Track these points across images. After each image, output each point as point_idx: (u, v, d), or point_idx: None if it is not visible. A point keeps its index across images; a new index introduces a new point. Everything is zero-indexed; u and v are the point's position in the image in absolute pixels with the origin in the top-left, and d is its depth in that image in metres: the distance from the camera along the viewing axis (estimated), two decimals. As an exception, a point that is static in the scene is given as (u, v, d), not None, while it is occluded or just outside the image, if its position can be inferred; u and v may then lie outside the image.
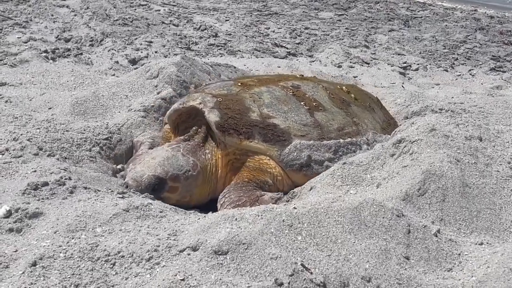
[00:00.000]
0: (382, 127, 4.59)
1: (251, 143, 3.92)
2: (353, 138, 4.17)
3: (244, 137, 3.91)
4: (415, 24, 12.31)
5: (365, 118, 4.46)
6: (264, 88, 4.24)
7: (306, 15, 12.38)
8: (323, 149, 3.98)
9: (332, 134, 4.09)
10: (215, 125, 3.92)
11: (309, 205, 3.00)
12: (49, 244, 2.74)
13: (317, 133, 4.04)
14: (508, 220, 3.24)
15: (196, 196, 3.90)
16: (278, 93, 4.20)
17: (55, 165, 3.60)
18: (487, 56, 9.69)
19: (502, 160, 3.63)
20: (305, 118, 4.07)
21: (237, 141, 3.93)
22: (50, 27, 8.45)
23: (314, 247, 2.76)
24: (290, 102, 4.15)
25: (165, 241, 2.78)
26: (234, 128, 3.92)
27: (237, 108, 4.00)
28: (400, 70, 8.30)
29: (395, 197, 3.23)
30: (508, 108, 5.16)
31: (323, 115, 4.17)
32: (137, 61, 7.18)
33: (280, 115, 4.03)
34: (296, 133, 3.97)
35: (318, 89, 4.47)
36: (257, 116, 3.98)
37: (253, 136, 3.92)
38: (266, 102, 4.09)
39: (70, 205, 3.14)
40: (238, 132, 3.92)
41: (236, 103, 4.05)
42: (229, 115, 3.95)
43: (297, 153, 3.91)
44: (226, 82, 4.35)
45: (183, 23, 10.03)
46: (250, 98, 4.09)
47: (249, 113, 3.99)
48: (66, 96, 4.99)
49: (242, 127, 3.92)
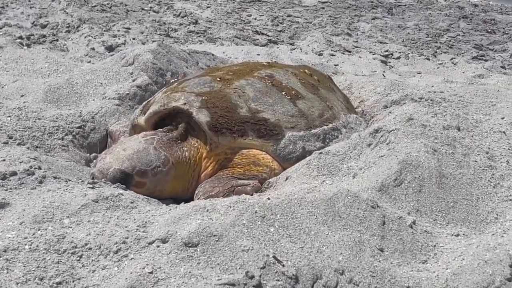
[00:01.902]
0: (346, 106, 4.60)
1: (245, 140, 3.86)
2: (332, 123, 4.16)
3: (237, 135, 3.84)
4: (399, 12, 12.32)
5: (333, 100, 4.46)
6: (244, 81, 4.16)
7: (289, 2, 12.35)
8: (313, 139, 3.96)
9: (316, 122, 4.07)
10: (206, 125, 3.82)
11: (282, 196, 2.95)
12: (14, 235, 2.66)
13: (304, 123, 4.01)
14: (485, 211, 3.23)
15: (167, 191, 3.79)
16: (258, 85, 4.13)
17: (25, 154, 3.52)
18: (469, 45, 9.71)
19: (480, 150, 3.61)
20: (290, 109, 4.03)
21: (231, 139, 3.85)
22: (26, 13, 8.36)
23: (286, 239, 2.71)
24: (272, 94, 4.10)
25: (134, 233, 2.72)
26: (226, 127, 3.84)
27: (225, 106, 3.92)
28: (382, 58, 8.30)
29: (371, 188, 3.19)
30: (488, 98, 5.13)
31: (303, 103, 4.13)
32: (114, 48, 7.12)
33: (268, 108, 3.98)
34: (287, 126, 3.93)
35: (290, 75, 4.43)
36: (246, 111, 3.91)
37: (246, 133, 3.85)
38: (251, 96, 4.02)
39: (38, 195, 3.07)
40: (231, 131, 3.84)
41: (222, 100, 3.96)
42: (218, 114, 3.86)
43: (292, 146, 3.88)
44: (203, 78, 4.23)
45: (163, 10, 9.97)
46: (235, 94, 4.01)
47: (237, 109, 3.92)
48: (39, 83, 4.90)
49: (234, 125, 3.85)
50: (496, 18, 11.97)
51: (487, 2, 14.92)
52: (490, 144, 3.72)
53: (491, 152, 3.63)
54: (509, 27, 11.22)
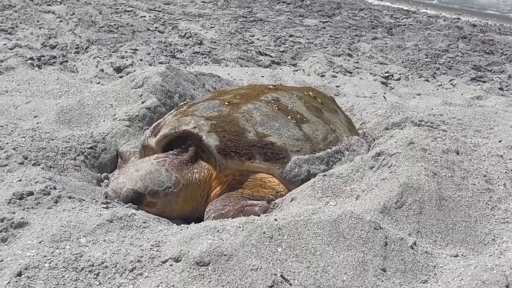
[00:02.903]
0: (348, 128, 4.70)
1: (252, 163, 3.96)
2: (336, 146, 4.25)
3: (245, 158, 3.95)
4: (399, 32, 12.42)
5: (336, 122, 4.55)
6: (251, 105, 4.28)
7: (291, 22, 12.47)
8: (317, 162, 4.06)
9: (320, 145, 4.17)
10: (216, 149, 3.94)
11: (289, 217, 3.06)
12: (34, 254, 2.76)
13: (309, 146, 4.11)
14: (483, 233, 3.32)
15: (177, 212, 3.91)
16: (265, 110, 4.24)
17: (40, 174, 3.62)
18: (468, 66, 9.79)
19: (478, 173, 3.70)
20: (296, 133, 4.13)
21: (239, 163, 3.96)
22: (36, 34, 8.48)
23: (293, 259, 2.82)
24: (279, 118, 4.20)
25: (148, 252, 2.83)
26: (234, 151, 3.95)
27: (233, 130, 4.03)
28: (382, 80, 8.40)
29: (373, 210, 3.30)
30: (486, 121, 5.25)
31: (308, 127, 4.24)
32: (122, 69, 7.22)
33: (274, 132, 4.08)
34: (292, 149, 4.03)
35: (295, 99, 4.54)
36: (254, 136, 4.02)
37: (254, 156, 3.96)
38: (258, 121, 4.13)
39: (55, 215, 3.17)
40: (239, 154, 3.95)
41: (231, 124, 4.07)
42: (227, 138, 3.97)
43: (297, 169, 3.97)
44: (211, 102, 4.34)
45: (168, 30, 10.08)
46: (243, 118, 4.13)
47: (245, 133, 4.02)
48: (51, 104, 5.03)
49: (242, 148, 3.96)
50: (494, 39, 12.05)
51: (485, 22, 15.03)
52: (488, 167, 3.81)
53: (489, 176, 3.72)
54: (507, 48, 11.29)
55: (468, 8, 18.02)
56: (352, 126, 4.97)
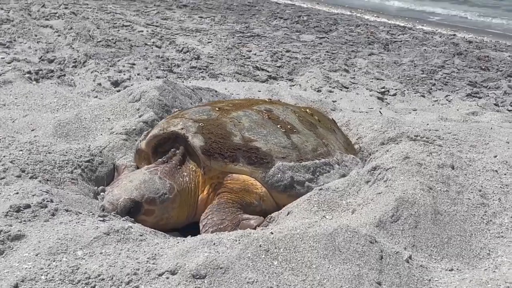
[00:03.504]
0: (344, 147, 4.72)
1: (235, 166, 3.99)
2: (326, 159, 4.27)
3: (229, 160, 3.98)
4: (395, 48, 12.48)
5: (330, 139, 4.58)
6: (241, 112, 4.33)
7: (287, 38, 12.53)
8: (303, 170, 4.08)
9: (308, 155, 4.19)
10: (200, 149, 3.99)
11: (285, 231, 3.07)
12: (31, 266, 2.78)
13: (295, 154, 4.13)
14: (477, 247, 3.34)
15: (173, 218, 3.94)
16: (255, 117, 4.30)
17: (37, 187, 3.63)
18: (464, 82, 9.83)
19: (473, 188, 3.73)
20: (283, 141, 4.17)
21: (222, 164, 3.99)
22: (33, 48, 8.51)
23: (289, 272, 2.84)
24: (267, 126, 4.25)
25: (144, 265, 2.84)
26: (218, 152, 3.99)
27: (219, 133, 4.08)
28: (379, 95, 8.43)
29: (369, 224, 3.32)
30: (481, 136, 5.28)
31: (298, 137, 4.28)
32: (120, 83, 7.24)
33: (261, 138, 4.12)
34: (278, 155, 4.06)
35: (288, 112, 4.59)
36: (240, 140, 4.06)
37: (237, 159, 3.99)
38: (246, 126, 4.17)
39: (52, 227, 3.18)
40: (223, 156, 3.99)
41: (218, 127, 4.12)
42: (212, 140, 4.02)
43: (280, 174, 4.00)
44: (203, 107, 4.42)
45: (165, 45, 10.12)
46: (231, 123, 4.18)
47: (231, 137, 4.07)
48: (49, 118, 5.05)
49: (227, 150, 4.00)
50: (490, 55, 12.10)
51: (481, 38, 15.11)
52: (483, 182, 3.83)
53: (483, 190, 3.74)
54: (503, 64, 11.33)
55: (464, 26, 18.11)
56: (351, 147, 5.00)
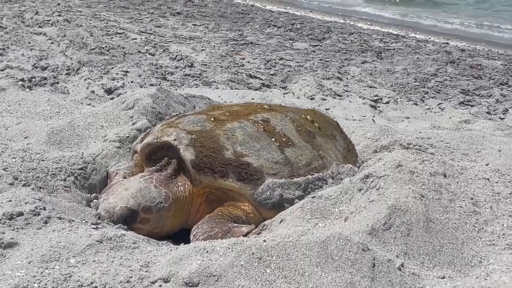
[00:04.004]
0: (343, 155, 4.67)
1: (225, 181, 3.98)
2: (319, 173, 4.24)
3: (218, 175, 3.98)
4: (388, 56, 12.52)
5: (329, 149, 4.54)
6: (237, 123, 4.31)
7: (281, 45, 12.56)
8: (293, 187, 4.06)
9: (301, 171, 4.17)
10: (190, 163, 3.99)
11: (278, 238, 3.08)
12: (24, 274, 2.78)
13: (287, 170, 4.11)
14: (469, 255, 3.35)
15: (168, 227, 3.96)
16: (250, 129, 4.27)
17: (30, 195, 3.63)
18: (456, 90, 9.88)
19: (465, 196, 3.75)
20: (276, 156, 4.15)
21: (212, 179, 4.00)
22: (27, 55, 8.51)
23: (282, 280, 2.84)
24: (261, 139, 4.22)
25: (137, 273, 2.85)
26: (209, 167, 3.99)
27: (211, 146, 4.07)
28: (371, 103, 8.46)
29: (362, 231, 3.32)
30: (473, 144, 5.30)
31: (292, 151, 4.25)
32: (113, 91, 7.25)
33: (253, 153, 4.10)
34: (269, 172, 4.05)
35: (286, 121, 4.55)
36: (231, 154, 4.05)
37: (227, 175, 3.98)
38: (239, 140, 4.16)
39: (45, 235, 3.18)
40: (213, 171, 3.99)
41: (210, 140, 4.12)
42: (204, 154, 4.02)
43: (269, 192, 3.98)
44: (198, 116, 4.41)
45: (159, 52, 10.13)
46: (224, 136, 4.17)
47: (223, 151, 4.06)
48: (42, 125, 5.04)
49: (217, 165, 3.99)
50: (482, 63, 12.15)
51: (474, 47, 15.18)
52: (474, 190, 3.85)
53: (475, 198, 3.77)
54: (495, 73, 11.39)
55: (457, 34, 18.19)
56: (351, 153, 4.91)
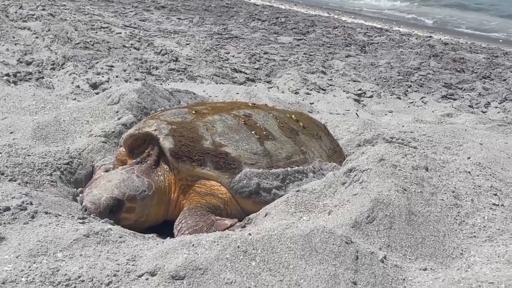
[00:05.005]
0: (328, 154, 4.72)
1: (203, 170, 4.04)
2: (300, 166, 4.30)
3: (196, 164, 4.04)
4: (372, 50, 12.58)
5: (312, 146, 4.60)
6: (217, 116, 4.38)
7: (265, 39, 12.58)
8: (271, 177, 4.11)
9: (280, 163, 4.22)
10: (169, 152, 4.04)
11: (263, 232, 3.11)
12: (11, 268, 2.79)
13: (266, 161, 4.17)
14: (451, 247, 3.39)
15: (152, 216, 4.02)
16: (230, 122, 4.34)
17: (16, 189, 3.65)
18: (439, 84, 9.96)
19: (447, 189, 3.78)
20: (255, 147, 4.21)
21: (190, 167, 4.05)
22: (11, 50, 8.47)
23: (267, 272, 2.87)
24: (241, 131, 4.29)
25: (124, 266, 2.87)
26: (187, 156, 4.05)
27: (190, 136, 4.13)
28: (355, 97, 8.52)
29: (345, 224, 3.35)
30: (455, 138, 5.37)
31: (272, 144, 4.31)
32: (98, 86, 7.25)
33: (232, 143, 4.16)
34: (247, 162, 4.10)
35: (269, 118, 4.61)
36: (210, 144, 4.11)
37: (205, 163, 4.04)
38: (219, 131, 4.21)
39: (32, 230, 3.19)
40: (191, 160, 4.05)
41: (190, 131, 4.17)
42: (182, 143, 4.07)
43: (246, 180, 4.04)
44: (181, 110, 4.47)
45: (144, 47, 10.12)
46: (204, 127, 4.23)
47: (202, 141, 4.12)
48: (27, 120, 5.04)
49: (195, 154, 4.05)
50: (465, 57, 12.25)
51: (457, 40, 15.28)
52: (456, 183, 3.88)
53: (457, 191, 3.80)
54: (478, 66, 11.49)
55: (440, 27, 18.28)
56: (337, 155, 4.94)
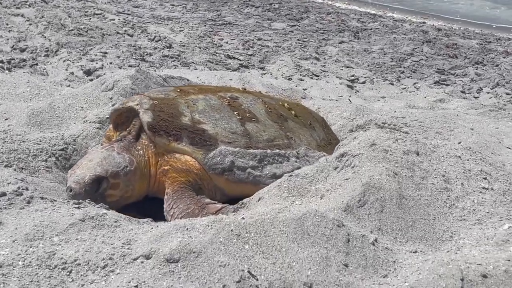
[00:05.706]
0: (318, 144, 4.71)
1: (178, 145, 4.08)
2: (281, 150, 4.31)
3: (172, 139, 4.08)
4: (365, 36, 12.58)
5: (300, 134, 4.59)
6: (201, 96, 4.42)
7: (259, 26, 12.57)
8: (247, 157, 4.13)
9: (260, 144, 4.24)
10: (147, 125, 4.09)
11: (256, 216, 3.14)
12: (8, 252, 2.82)
13: (244, 141, 4.19)
14: (440, 230, 3.42)
15: (137, 190, 4.07)
16: (213, 102, 4.37)
17: (12, 175, 3.68)
18: (432, 69, 9.98)
19: (437, 173, 3.81)
20: (235, 127, 4.23)
21: (166, 142, 4.09)
22: (5, 37, 8.46)
23: (260, 255, 2.91)
24: (223, 111, 4.31)
25: (119, 250, 2.90)
26: (164, 130, 4.09)
27: (170, 112, 4.17)
28: (348, 83, 8.54)
29: (337, 208, 3.38)
30: (447, 123, 5.41)
31: (254, 126, 4.33)
32: (92, 72, 7.26)
33: (210, 121, 4.19)
34: (223, 140, 4.13)
35: (257, 102, 4.62)
36: (188, 120, 4.15)
37: (181, 138, 4.08)
38: (199, 109, 4.25)
39: (28, 215, 3.22)
40: (168, 134, 4.08)
41: (171, 107, 4.22)
42: (161, 117, 4.11)
43: (220, 158, 4.06)
44: (166, 88, 4.53)
45: (137, 33, 10.11)
46: (185, 104, 4.26)
47: (181, 117, 4.15)
48: (22, 107, 5.06)
49: (172, 129, 4.09)
50: (458, 43, 12.26)
51: (450, 26, 15.28)
52: (446, 168, 3.91)
53: (447, 176, 3.83)
54: (471, 52, 11.50)
55: (434, 14, 18.26)
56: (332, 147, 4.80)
